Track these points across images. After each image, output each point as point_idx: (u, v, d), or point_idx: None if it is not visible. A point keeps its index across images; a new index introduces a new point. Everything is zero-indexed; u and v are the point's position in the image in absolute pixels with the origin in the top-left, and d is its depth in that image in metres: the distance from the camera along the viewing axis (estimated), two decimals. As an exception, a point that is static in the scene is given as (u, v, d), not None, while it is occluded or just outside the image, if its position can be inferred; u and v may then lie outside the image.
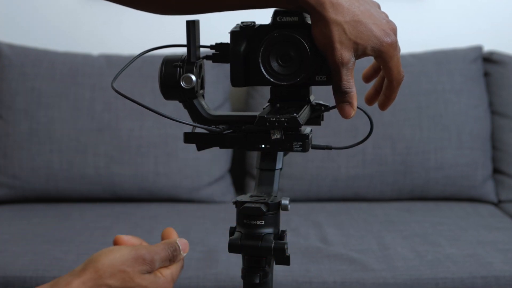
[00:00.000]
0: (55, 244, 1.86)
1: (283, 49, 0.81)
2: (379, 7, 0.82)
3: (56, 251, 1.81)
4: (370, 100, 0.89)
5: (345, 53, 0.78)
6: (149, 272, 0.83)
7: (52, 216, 2.10)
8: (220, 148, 0.86)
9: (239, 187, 2.39)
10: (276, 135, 0.82)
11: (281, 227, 0.89)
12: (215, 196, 2.28)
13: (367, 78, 0.91)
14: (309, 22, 0.80)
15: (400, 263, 1.76)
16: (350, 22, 0.77)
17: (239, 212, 0.86)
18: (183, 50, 0.86)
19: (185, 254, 0.89)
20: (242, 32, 0.83)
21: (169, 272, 0.85)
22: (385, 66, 0.81)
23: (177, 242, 0.88)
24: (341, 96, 0.81)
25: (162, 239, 0.90)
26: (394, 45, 0.79)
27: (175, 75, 0.84)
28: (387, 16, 0.81)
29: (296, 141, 0.82)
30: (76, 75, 2.27)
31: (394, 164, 2.25)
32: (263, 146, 0.83)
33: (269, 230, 0.86)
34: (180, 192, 2.25)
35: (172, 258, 0.87)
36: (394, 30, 0.80)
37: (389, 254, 1.81)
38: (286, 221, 1.95)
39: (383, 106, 0.86)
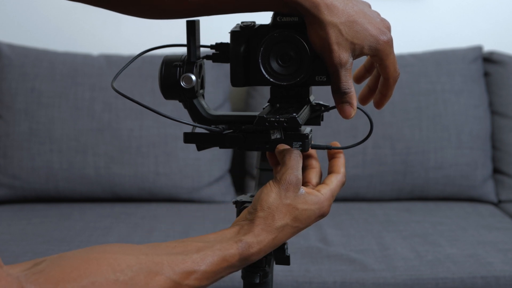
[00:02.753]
0: (55, 244, 1.86)
1: (283, 49, 0.81)
2: (370, 6, 0.82)
3: (56, 251, 1.81)
4: (364, 100, 0.90)
5: (343, 54, 0.78)
6: (303, 189, 0.80)
7: (52, 216, 2.10)
8: (220, 148, 0.86)
9: (239, 187, 2.38)
10: (276, 135, 0.82)
11: (281, 227, 0.89)
12: (215, 196, 2.28)
13: (359, 79, 0.91)
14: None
15: (400, 263, 1.76)
16: (346, 23, 0.77)
17: (239, 212, 0.86)
18: (183, 50, 0.86)
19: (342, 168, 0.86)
20: (242, 32, 0.83)
21: (327, 189, 0.82)
22: (382, 64, 0.81)
23: (287, 148, 0.82)
24: (341, 97, 0.81)
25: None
26: (390, 43, 0.80)
27: (175, 75, 0.84)
28: (379, 15, 0.82)
29: (296, 141, 0.82)
30: (76, 75, 2.27)
31: (394, 164, 2.25)
32: (262, 146, 0.84)
33: (269, 230, 0.86)
34: (180, 192, 2.25)
35: (293, 159, 0.80)
36: (388, 28, 0.81)
37: (389, 254, 1.81)
38: (286, 221, 1.95)
39: (378, 105, 0.87)
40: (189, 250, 0.74)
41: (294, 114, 0.79)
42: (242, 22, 0.84)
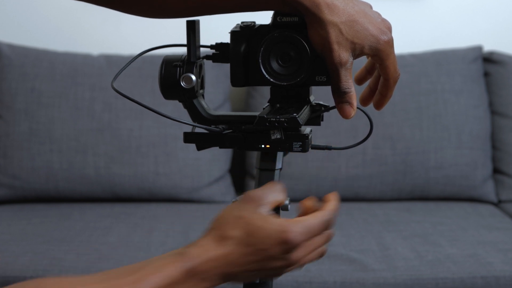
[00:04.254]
0: (55, 244, 1.86)
1: (283, 49, 0.81)
2: (371, 7, 0.82)
3: (56, 251, 1.81)
4: (365, 101, 0.90)
5: (343, 54, 0.78)
6: (266, 209, 0.75)
7: (52, 216, 2.10)
8: (219, 148, 0.86)
9: (239, 187, 2.38)
10: (276, 135, 0.82)
11: (281, 227, 0.89)
12: (215, 196, 2.28)
13: (360, 80, 0.91)
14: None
15: (400, 263, 1.76)
16: (346, 22, 0.77)
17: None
18: (183, 50, 0.86)
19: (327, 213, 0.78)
20: (242, 32, 0.83)
21: (300, 219, 0.75)
22: (382, 64, 0.81)
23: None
24: (341, 97, 0.81)
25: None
26: (391, 43, 0.80)
27: (175, 75, 0.84)
28: (380, 15, 0.82)
29: (296, 141, 0.82)
30: (76, 75, 2.27)
31: (394, 164, 2.25)
32: (263, 146, 0.84)
33: (269, 230, 0.86)
34: (180, 192, 2.25)
35: (283, 189, 0.78)
36: (389, 28, 0.81)
37: (389, 254, 1.81)
38: (286, 221, 1.95)
39: (378, 106, 0.87)
40: (126, 273, 0.71)
41: (294, 114, 0.79)
42: (242, 22, 0.84)
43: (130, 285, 0.69)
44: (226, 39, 0.85)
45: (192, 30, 0.84)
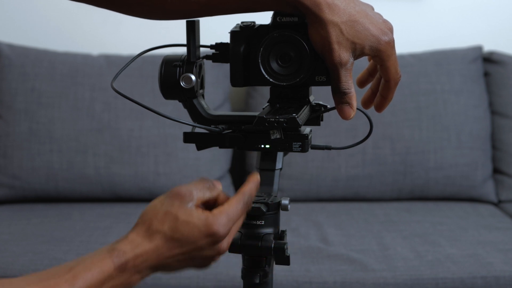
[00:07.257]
0: (55, 244, 1.86)
1: (283, 50, 0.81)
2: (372, 8, 0.82)
3: (56, 251, 1.81)
4: (367, 103, 0.89)
5: (343, 54, 0.78)
6: (192, 205, 0.77)
7: (52, 216, 2.10)
8: (219, 148, 0.86)
9: (239, 187, 2.38)
10: (276, 135, 0.82)
11: (281, 227, 0.89)
12: (215, 196, 2.27)
13: (362, 83, 0.91)
14: (309, 22, 0.80)
15: (400, 263, 1.76)
16: (347, 22, 0.77)
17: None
18: (183, 50, 0.86)
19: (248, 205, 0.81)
20: (242, 32, 0.83)
21: (220, 210, 0.76)
22: (383, 65, 0.81)
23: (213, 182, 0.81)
24: (340, 97, 0.81)
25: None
26: (392, 44, 0.80)
27: (175, 75, 0.84)
28: (381, 16, 0.81)
29: (296, 141, 0.82)
30: (76, 75, 2.27)
31: (393, 164, 2.25)
32: (262, 146, 0.84)
33: (269, 230, 0.87)
34: (180, 192, 2.24)
35: (210, 187, 0.80)
36: (390, 29, 0.80)
37: (389, 254, 1.81)
38: (286, 221, 1.95)
39: (379, 108, 0.86)
40: (61, 271, 0.72)
41: (294, 114, 0.79)
42: (242, 22, 0.84)
43: (68, 282, 0.71)
44: (226, 39, 0.85)
45: (192, 30, 0.84)
